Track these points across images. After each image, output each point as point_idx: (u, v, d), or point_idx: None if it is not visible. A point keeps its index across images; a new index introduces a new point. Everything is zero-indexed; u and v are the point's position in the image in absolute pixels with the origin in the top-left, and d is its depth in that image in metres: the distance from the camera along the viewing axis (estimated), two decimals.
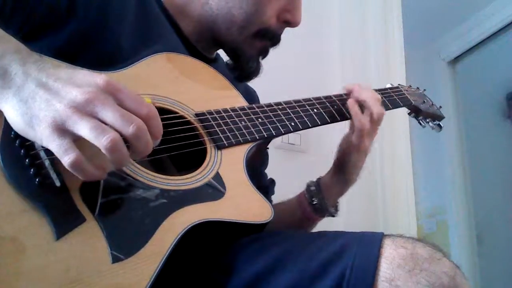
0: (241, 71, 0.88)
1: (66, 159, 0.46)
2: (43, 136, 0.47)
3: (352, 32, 1.74)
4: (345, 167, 0.87)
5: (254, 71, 0.89)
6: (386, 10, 1.78)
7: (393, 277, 0.50)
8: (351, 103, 0.83)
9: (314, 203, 0.88)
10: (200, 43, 0.87)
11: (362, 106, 0.84)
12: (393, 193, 1.60)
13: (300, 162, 1.55)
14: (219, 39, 0.86)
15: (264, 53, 0.89)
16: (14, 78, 0.49)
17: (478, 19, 2.64)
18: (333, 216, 0.91)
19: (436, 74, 2.89)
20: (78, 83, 0.48)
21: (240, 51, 0.86)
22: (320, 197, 0.88)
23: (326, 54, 1.72)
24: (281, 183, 1.01)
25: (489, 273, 2.47)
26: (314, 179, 0.92)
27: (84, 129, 0.46)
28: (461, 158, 2.76)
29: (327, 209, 0.89)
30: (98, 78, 0.49)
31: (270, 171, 1.02)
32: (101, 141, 0.45)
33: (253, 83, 1.03)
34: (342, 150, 0.87)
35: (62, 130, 0.46)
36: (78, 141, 0.47)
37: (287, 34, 0.90)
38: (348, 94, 0.87)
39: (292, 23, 0.86)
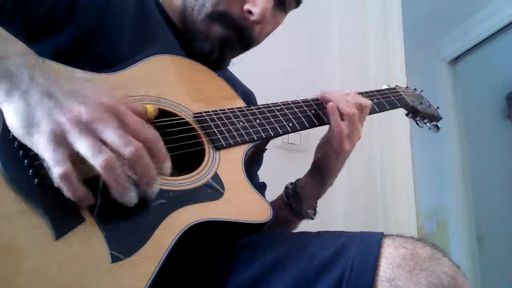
0: (190, 49, 0.82)
1: (56, 170, 0.46)
2: (39, 144, 0.47)
3: (352, 32, 1.74)
4: (323, 171, 0.86)
5: (206, 54, 0.82)
6: (386, 10, 1.78)
7: (393, 277, 0.50)
8: (330, 106, 0.81)
9: (292, 206, 0.88)
10: None
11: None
12: (393, 193, 1.59)
13: (300, 162, 1.53)
14: (188, 27, 0.82)
15: (226, 43, 0.81)
16: (20, 83, 0.49)
17: (478, 19, 2.64)
18: (312, 219, 0.90)
19: (436, 74, 2.88)
20: (84, 99, 0.49)
21: (197, 30, 0.81)
22: (297, 201, 0.88)
23: (325, 54, 1.71)
24: (281, 183, 1.00)
25: (489, 273, 2.46)
26: (293, 182, 0.90)
27: (83, 145, 0.46)
28: (461, 158, 2.76)
29: (305, 212, 0.88)
30: (104, 97, 0.50)
31: (270, 171, 1.02)
32: (97, 159, 0.46)
33: (252, 84, 1.03)
34: (321, 154, 0.85)
35: (59, 141, 0.46)
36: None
37: (288, 33, 0.89)
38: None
39: (252, 12, 0.78)
